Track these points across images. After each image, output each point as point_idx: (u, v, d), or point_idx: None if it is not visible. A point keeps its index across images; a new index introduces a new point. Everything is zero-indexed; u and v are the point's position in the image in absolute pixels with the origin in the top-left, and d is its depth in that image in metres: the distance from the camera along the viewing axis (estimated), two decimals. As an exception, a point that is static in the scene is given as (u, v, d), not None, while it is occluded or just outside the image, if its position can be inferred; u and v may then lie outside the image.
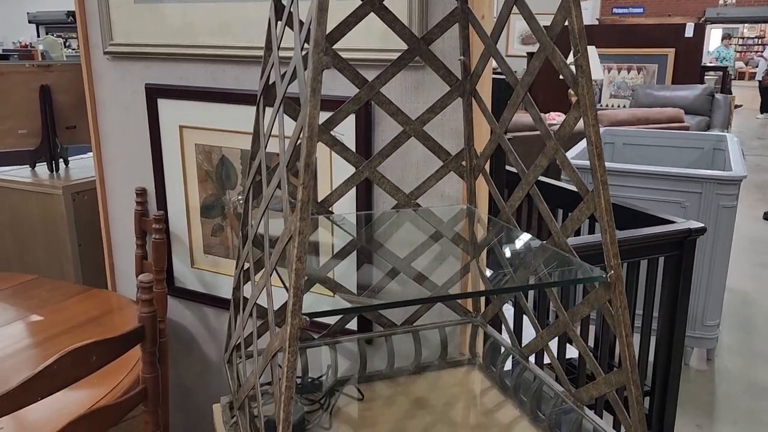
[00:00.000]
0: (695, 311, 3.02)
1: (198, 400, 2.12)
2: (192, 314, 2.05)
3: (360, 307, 1.22)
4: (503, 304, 1.40)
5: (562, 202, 2.50)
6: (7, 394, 1.01)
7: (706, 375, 3.06)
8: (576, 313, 1.12)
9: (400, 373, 1.48)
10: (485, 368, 1.47)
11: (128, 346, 1.22)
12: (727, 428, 2.62)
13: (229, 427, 1.28)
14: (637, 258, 2.04)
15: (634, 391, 1.00)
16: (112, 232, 2.11)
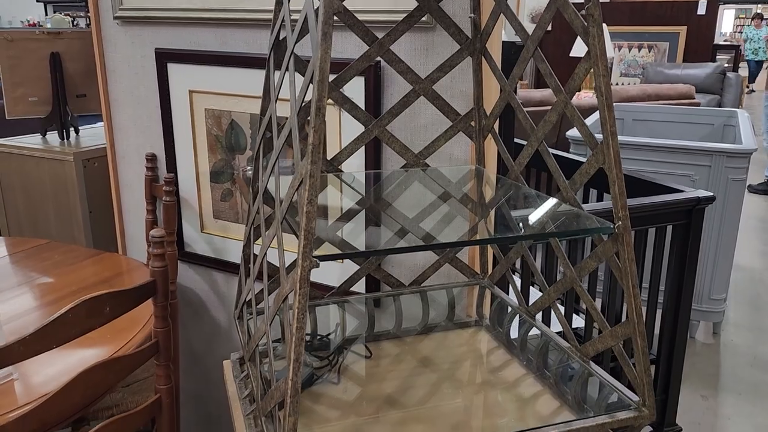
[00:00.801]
0: (702, 285, 3.02)
1: (207, 364, 2.15)
2: (201, 279, 2.07)
3: (369, 251, 1.23)
4: (511, 264, 1.41)
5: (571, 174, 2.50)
6: (24, 340, 1.03)
7: (712, 348, 3.07)
8: (583, 268, 1.12)
9: (408, 334, 1.49)
10: (492, 329, 1.49)
11: (140, 300, 1.24)
12: (732, 399, 2.64)
13: (239, 381, 1.31)
14: (645, 226, 2.04)
15: (640, 342, 1.01)
16: (122, 198, 2.13)
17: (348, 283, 1.44)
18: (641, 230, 2.06)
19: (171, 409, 1.38)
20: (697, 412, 2.54)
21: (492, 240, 1.31)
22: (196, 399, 2.21)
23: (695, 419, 2.48)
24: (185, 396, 2.21)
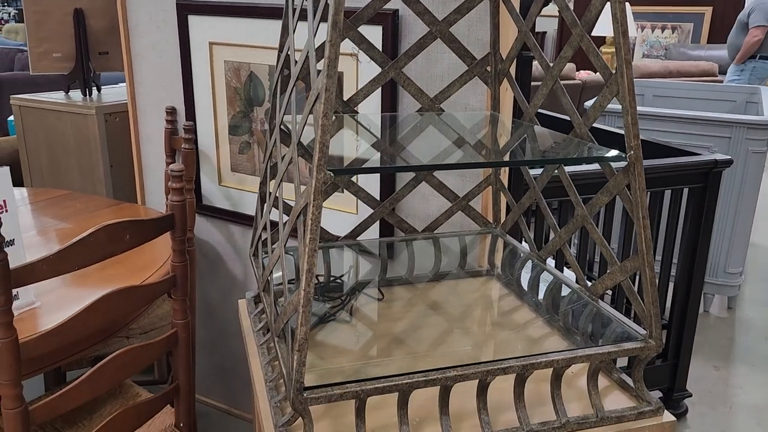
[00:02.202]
0: (718, 258, 3.01)
1: (222, 316, 2.19)
2: (219, 232, 2.10)
3: (383, 167, 1.24)
4: (523, 211, 1.42)
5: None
6: (47, 259, 1.07)
7: (726, 322, 3.06)
8: (594, 204, 1.13)
9: (419, 280, 1.51)
10: (503, 277, 1.50)
11: (159, 232, 1.27)
12: (744, 370, 2.63)
13: (253, 316, 1.34)
14: (661, 188, 2.03)
15: (648, 273, 1.02)
16: (142, 151, 2.17)
17: (362, 227, 1.46)
18: (657, 192, 2.06)
19: (187, 345, 1.42)
20: (709, 382, 2.54)
21: (503, 163, 1.31)
22: (211, 350, 2.26)
23: (706, 388, 2.48)
24: (200, 347, 2.26)
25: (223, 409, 2.29)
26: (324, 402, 0.89)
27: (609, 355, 1.03)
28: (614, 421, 1.04)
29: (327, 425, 1.02)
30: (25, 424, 1.11)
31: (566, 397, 1.07)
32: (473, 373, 0.95)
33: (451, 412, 1.00)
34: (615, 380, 1.14)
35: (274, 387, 1.09)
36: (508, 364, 0.97)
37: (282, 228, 1.07)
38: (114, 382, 1.25)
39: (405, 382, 0.93)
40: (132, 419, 1.34)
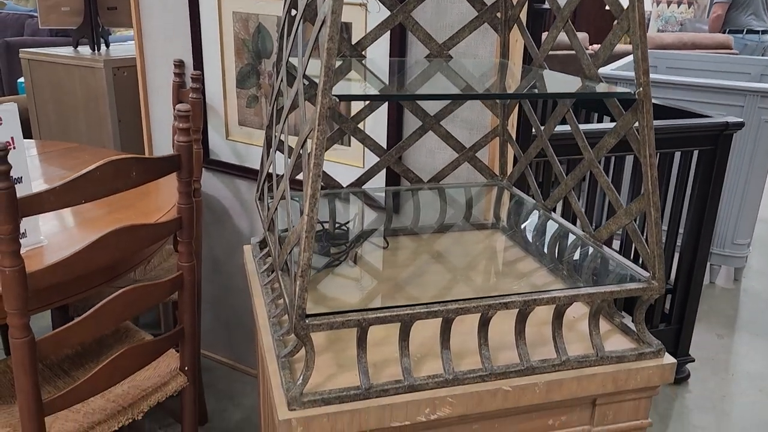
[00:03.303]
0: (725, 229, 2.99)
1: (228, 271, 2.21)
2: (225, 187, 2.11)
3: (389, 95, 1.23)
4: (529, 161, 1.41)
5: (600, 104, 2.47)
6: (54, 190, 1.07)
7: (732, 293, 3.05)
8: (601, 147, 1.13)
9: (424, 231, 1.51)
10: (508, 229, 1.50)
11: (165, 171, 1.27)
12: (747, 339, 2.63)
13: (258, 259, 1.34)
14: (670, 149, 2.02)
15: (653, 213, 1.01)
16: (150, 105, 2.17)
17: (368, 174, 1.45)
18: (666, 153, 2.04)
19: (192, 288, 1.43)
20: (712, 349, 2.54)
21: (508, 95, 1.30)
22: (217, 305, 2.27)
23: (709, 355, 2.49)
24: (206, 302, 2.28)
25: (228, 364, 2.32)
26: (326, 329, 0.90)
27: (611, 294, 1.03)
28: (614, 360, 1.04)
29: (329, 358, 1.03)
30: (32, 354, 1.12)
31: (567, 339, 1.08)
32: (475, 306, 0.96)
33: (452, 351, 1.00)
34: (617, 325, 1.14)
35: (277, 323, 1.10)
36: (510, 299, 0.97)
37: (287, 162, 1.07)
38: (119, 320, 1.26)
39: (407, 312, 0.93)
40: (136, 359, 1.35)
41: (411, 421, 0.95)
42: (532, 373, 1.01)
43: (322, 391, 0.93)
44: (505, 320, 1.09)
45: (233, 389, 2.19)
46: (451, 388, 0.97)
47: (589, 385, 1.03)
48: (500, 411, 1.00)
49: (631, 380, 1.04)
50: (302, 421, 0.90)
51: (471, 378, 0.98)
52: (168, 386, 1.47)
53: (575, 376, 1.01)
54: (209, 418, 2.04)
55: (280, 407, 0.92)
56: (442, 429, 1.00)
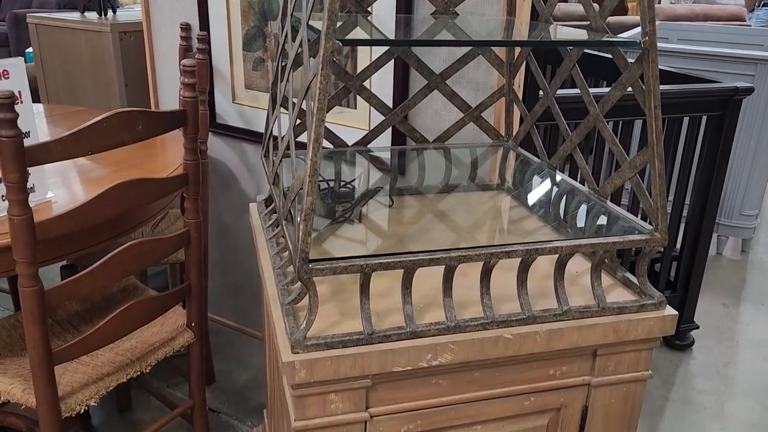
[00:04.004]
0: (734, 199, 2.98)
1: (235, 234, 2.22)
2: (232, 151, 2.12)
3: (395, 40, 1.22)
4: (535, 120, 1.40)
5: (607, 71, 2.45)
6: (60, 140, 1.08)
7: (739, 264, 3.05)
8: (606, 101, 1.12)
9: (429, 191, 1.52)
10: (513, 190, 1.50)
11: (171, 126, 1.28)
12: (753, 309, 2.63)
13: (264, 215, 1.35)
14: (679, 114, 2.00)
15: (657, 164, 1.01)
16: (157, 68, 2.17)
17: (373, 133, 1.45)
18: (675, 119, 2.03)
19: (198, 245, 1.44)
20: (717, 318, 2.54)
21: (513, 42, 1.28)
22: (224, 270, 2.30)
23: (714, 324, 2.49)
24: (213, 266, 2.30)
25: (235, 327, 2.34)
26: (329, 273, 0.91)
27: (614, 245, 1.03)
28: (615, 312, 1.05)
29: (333, 307, 1.04)
30: (41, 303, 1.14)
31: (569, 292, 1.08)
32: (477, 255, 0.96)
33: (455, 302, 1.01)
34: (619, 279, 1.15)
35: (282, 273, 1.11)
36: (512, 248, 0.98)
37: (292, 116, 1.07)
38: (127, 272, 1.28)
39: (409, 259, 0.94)
40: (144, 313, 1.37)
41: (413, 367, 0.97)
42: (533, 322, 1.02)
43: (325, 335, 0.94)
44: (508, 274, 1.10)
45: (240, 351, 2.22)
46: (452, 335, 0.98)
47: (590, 335, 1.03)
48: (501, 359, 1.02)
49: (631, 331, 1.05)
50: (305, 364, 0.92)
51: (472, 326, 0.99)
52: (175, 341, 1.50)
53: (576, 326, 1.02)
54: (216, 378, 2.07)
55: (283, 351, 0.93)
56: (443, 376, 1.02)
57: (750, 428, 1.94)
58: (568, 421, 1.12)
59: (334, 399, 0.97)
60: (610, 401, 1.12)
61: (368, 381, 0.97)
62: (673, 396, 2.07)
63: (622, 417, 1.14)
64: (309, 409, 0.96)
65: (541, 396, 1.08)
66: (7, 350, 1.43)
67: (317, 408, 0.97)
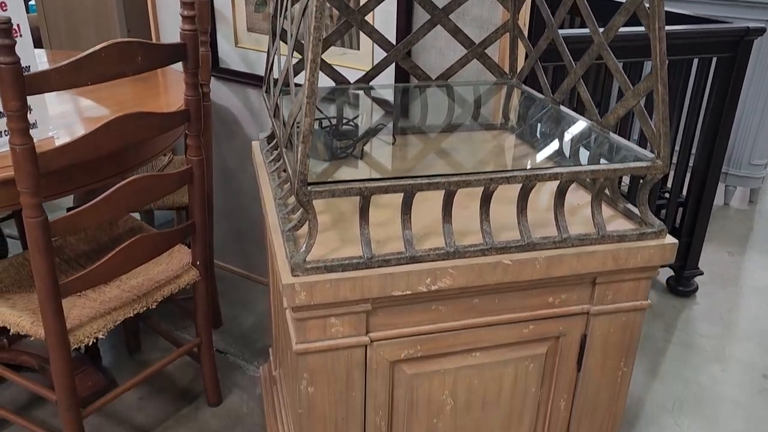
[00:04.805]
0: (742, 149, 2.94)
1: (239, 181, 2.23)
2: (235, 96, 2.10)
3: None
4: (539, 54, 1.38)
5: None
6: (59, 69, 1.08)
7: (746, 214, 3.03)
8: (611, 29, 1.10)
9: (432, 130, 1.51)
10: (517, 129, 1.49)
11: (170, 59, 1.27)
12: (759, 257, 2.63)
13: (266, 151, 1.35)
14: (688, 56, 1.97)
15: (660, 89, 1.00)
16: (159, 14, 2.14)
17: (375, 69, 1.44)
18: (684, 60, 1.99)
19: (201, 182, 1.45)
20: (722, 265, 2.54)
21: None
22: (229, 217, 2.31)
23: (719, 271, 2.49)
24: (218, 214, 2.31)
25: (241, 273, 2.37)
26: (327, 196, 0.91)
27: (615, 172, 1.02)
28: (615, 240, 1.05)
29: (333, 235, 1.05)
30: (46, 234, 1.15)
31: (570, 222, 1.08)
32: (477, 180, 0.96)
33: (455, 231, 1.01)
34: (620, 210, 1.15)
35: (283, 204, 1.12)
36: (512, 174, 0.98)
37: (291, 46, 1.06)
38: (130, 207, 1.29)
39: (409, 183, 0.94)
40: (148, 249, 1.39)
41: (412, 291, 0.98)
42: (532, 249, 1.02)
43: (325, 259, 0.95)
44: (509, 206, 1.10)
45: (246, 297, 2.25)
46: (452, 260, 0.99)
47: (589, 263, 1.04)
48: (500, 285, 1.02)
49: (631, 259, 1.05)
50: (305, 286, 0.93)
51: (472, 252, 1.00)
52: (180, 279, 1.52)
53: (575, 253, 1.03)
54: (223, 322, 2.10)
55: (284, 274, 0.94)
56: (443, 302, 1.03)
57: (750, 370, 1.96)
58: (566, 349, 1.13)
59: (335, 323, 0.98)
60: (608, 330, 1.13)
61: (368, 305, 0.98)
62: (675, 339, 2.08)
63: (620, 346, 1.15)
64: (310, 332, 0.98)
65: (540, 324, 1.09)
66: (15, 286, 1.46)
67: (318, 331, 0.98)
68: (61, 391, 1.32)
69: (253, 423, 1.70)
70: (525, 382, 1.14)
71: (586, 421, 1.21)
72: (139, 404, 1.76)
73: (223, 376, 1.84)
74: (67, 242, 1.62)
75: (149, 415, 1.72)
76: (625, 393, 1.21)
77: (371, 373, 1.04)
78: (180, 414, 1.73)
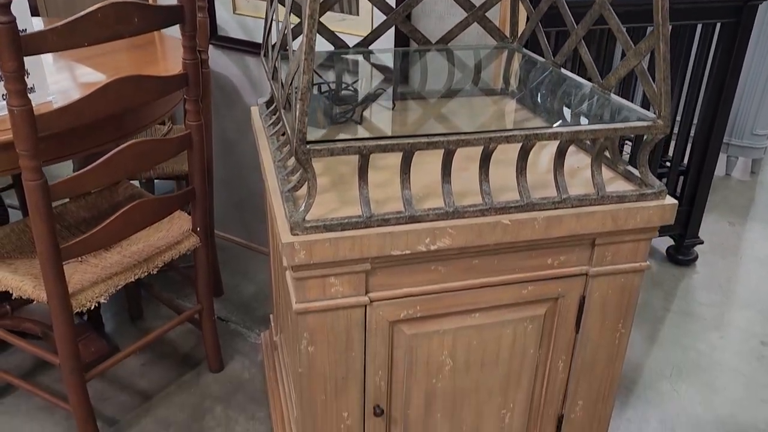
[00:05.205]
0: (745, 118, 2.93)
1: (239, 150, 2.22)
2: (234, 64, 2.09)
3: None
4: (540, 16, 1.37)
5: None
6: (56, 29, 1.07)
7: (748, 185, 3.03)
8: (613, -13, 1.09)
9: (432, 95, 1.50)
10: (517, 93, 1.48)
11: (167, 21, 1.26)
12: (759, 227, 2.63)
13: (265, 116, 1.35)
14: (691, 21, 1.95)
15: (662, 47, 0.99)
16: (156, -20, 2.12)
17: (375, 33, 1.43)
18: (687, 26, 1.97)
19: (200, 148, 1.44)
20: (722, 235, 2.55)
21: None
22: (229, 187, 2.31)
23: (719, 241, 2.50)
24: (218, 184, 2.31)
25: (241, 243, 2.38)
26: (326, 154, 0.91)
27: (615, 131, 1.02)
28: (615, 200, 1.05)
29: (332, 196, 1.04)
30: (46, 197, 1.16)
31: (570, 184, 1.08)
32: (476, 139, 0.96)
33: (454, 192, 1.01)
34: (620, 172, 1.14)
35: (282, 166, 1.11)
36: (512, 133, 0.97)
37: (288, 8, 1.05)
38: (128, 171, 1.29)
39: (407, 142, 0.94)
40: (148, 214, 1.39)
41: (411, 250, 0.98)
42: (531, 209, 1.02)
43: (324, 218, 0.95)
44: (509, 168, 1.09)
45: (246, 267, 2.26)
46: (451, 220, 0.99)
47: (588, 223, 1.04)
48: (500, 245, 1.03)
49: (630, 219, 1.05)
50: (305, 245, 0.93)
51: (471, 212, 1.00)
52: (181, 245, 1.52)
53: (575, 213, 1.02)
54: (224, 291, 2.12)
55: (283, 234, 0.94)
56: (442, 262, 1.03)
57: (749, 337, 1.97)
58: (565, 311, 1.14)
59: (334, 282, 0.99)
60: (607, 292, 1.14)
61: (367, 265, 0.98)
62: (674, 308, 2.09)
63: (618, 308, 1.16)
64: (309, 291, 0.98)
65: (539, 285, 1.10)
66: (17, 252, 1.47)
67: (317, 291, 0.99)
68: (65, 354, 1.34)
69: (254, 388, 1.72)
70: (524, 343, 1.14)
71: (584, 382, 1.22)
72: (142, 370, 1.78)
73: (224, 343, 1.85)
74: (67, 209, 1.62)
75: (152, 381, 1.74)
76: (623, 355, 1.22)
77: (371, 333, 1.04)
78: (182, 380, 1.75)
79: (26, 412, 1.62)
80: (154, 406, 1.66)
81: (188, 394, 1.70)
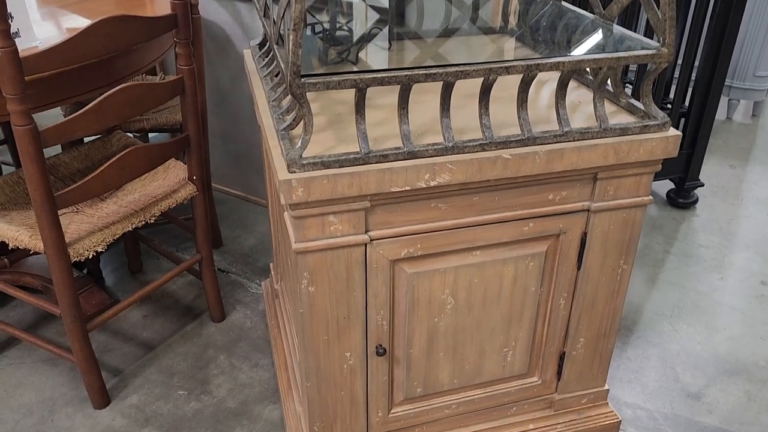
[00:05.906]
0: (747, 60, 2.88)
1: (234, 102, 2.18)
2: (225, 11, 2.03)
3: None
4: (540, -52, 1.32)
5: None
6: None
7: (749, 128, 3.00)
8: None
9: (429, 35, 1.46)
10: (517, 31, 1.44)
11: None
12: (760, 169, 2.61)
13: (258, 57, 1.31)
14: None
15: (667, -29, 0.95)
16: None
17: (369, -30, 1.38)
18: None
19: (193, 92, 1.41)
20: (723, 178, 2.53)
21: None
22: (225, 140, 2.28)
23: (720, 183, 2.48)
24: (214, 137, 2.28)
25: (240, 196, 2.36)
26: (322, 88, 0.88)
27: (618, 60, 0.99)
28: (617, 133, 1.03)
29: (330, 135, 1.02)
30: (36, 141, 1.13)
31: (572, 118, 1.06)
32: (475, 71, 0.93)
33: (454, 129, 0.99)
34: (623, 106, 1.12)
35: (277, 106, 1.09)
36: (512, 63, 0.94)
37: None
38: (120, 116, 1.26)
39: (405, 74, 0.91)
40: (142, 160, 1.37)
41: (411, 187, 0.96)
42: (532, 143, 1.00)
43: (322, 155, 0.93)
44: (509, 106, 1.07)
45: (245, 218, 2.25)
46: (450, 155, 0.97)
47: (590, 156, 1.02)
48: (500, 181, 1.01)
49: (633, 152, 1.03)
50: (302, 182, 0.91)
51: (471, 147, 0.98)
52: (177, 194, 1.50)
53: (576, 147, 1.01)
54: (224, 242, 2.11)
55: (280, 171, 0.92)
56: (443, 199, 1.01)
57: (749, 277, 1.98)
58: (566, 247, 1.13)
59: (333, 221, 0.97)
60: (609, 227, 1.12)
61: (366, 202, 0.97)
62: (675, 250, 2.09)
63: (620, 244, 1.15)
64: (308, 230, 0.97)
65: (540, 221, 1.09)
66: (11, 204, 1.45)
67: (316, 230, 0.97)
68: (65, 304, 1.33)
69: (256, 337, 1.73)
70: (525, 281, 1.14)
71: (586, 318, 1.22)
72: (144, 322, 1.78)
73: (225, 293, 1.85)
74: (60, 160, 1.59)
75: (155, 332, 1.74)
76: (624, 291, 1.22)
77: (371, 272, 1.04)
78: (185, 330, 1.75)
79: (30, 364, 1.63)
80: (157, 356, 1.66)
81: (191, 344, 1.71)
